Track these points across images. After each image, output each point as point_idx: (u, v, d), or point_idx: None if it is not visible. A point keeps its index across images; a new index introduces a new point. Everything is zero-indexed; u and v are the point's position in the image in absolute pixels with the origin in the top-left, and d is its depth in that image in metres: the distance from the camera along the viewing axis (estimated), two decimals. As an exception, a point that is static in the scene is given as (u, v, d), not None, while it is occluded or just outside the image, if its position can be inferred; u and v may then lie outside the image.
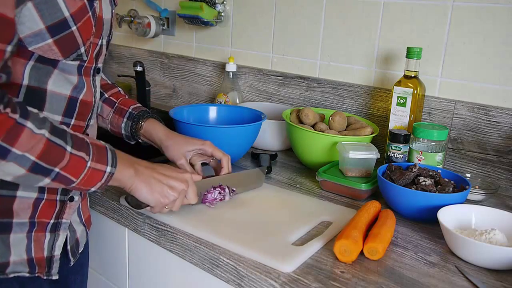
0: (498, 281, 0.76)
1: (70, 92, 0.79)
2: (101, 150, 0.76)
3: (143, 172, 0.82)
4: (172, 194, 0.84)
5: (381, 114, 1.35)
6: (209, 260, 0.82)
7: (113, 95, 1.05)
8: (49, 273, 0.83)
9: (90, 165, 0.73)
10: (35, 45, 0.70)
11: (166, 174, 0.85)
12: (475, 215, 0.92)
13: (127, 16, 1.89)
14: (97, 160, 0.74)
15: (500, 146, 1.16)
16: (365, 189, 1.04)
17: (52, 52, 0.73)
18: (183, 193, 0.87)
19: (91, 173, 0.74)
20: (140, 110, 1.03)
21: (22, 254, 0.79)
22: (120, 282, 1.10)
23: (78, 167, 0.72)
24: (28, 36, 0.69)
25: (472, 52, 1.19)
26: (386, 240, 0.82)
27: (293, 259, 0.77)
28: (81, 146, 0.73)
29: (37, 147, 0.66)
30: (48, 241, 0.82)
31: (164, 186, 0.84)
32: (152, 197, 0.83)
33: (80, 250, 0.93)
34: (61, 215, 0.84)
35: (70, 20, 0.72)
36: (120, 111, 1.03)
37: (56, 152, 0.69)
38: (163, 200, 0.84)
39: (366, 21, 1.35)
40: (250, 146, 1.24)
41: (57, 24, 0.71)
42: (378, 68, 1.35)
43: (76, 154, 0.71)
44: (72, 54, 0.76)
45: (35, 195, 0.79)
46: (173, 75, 1.90)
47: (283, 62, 1.56)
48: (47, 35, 0.70)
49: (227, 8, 1.67)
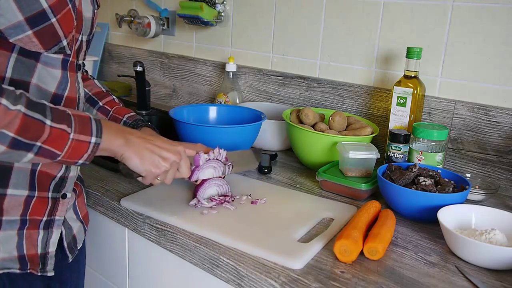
0: (498, 281, 0.76)
1: (55, 89, 0.79)
2: (84, 120, 0.74)
3: (135, 142, 0.81)
4: (164, 165, 0.84)
5: (381, 114, 1.35)
6: (209, 260, 0.82)
7: (108, 103, 1.05)
8: (43, 269, 0.83)
9: (73, 137, 0.72)
10: (15, 36, 0.71)
11: (158, 145, 0.85)
12: (475, 215, 0.92)
13: (127, 16, 1.89)
14: (80, 131, 0.73)
15: (500, 146, 1.16)
16: (365, 189, 1.04)
17: (32, 44, 0.73)
18: (175, 165, 0.86)
19: (75, 145, 0.72)
20: (135, 119, 1.03)
21: (13, 251, 0.79)
22: (120, 282, 1.10)
23: (61, 139, 0.71)
24: (8, 27, 0.70)
25: (472, 52, 1.19)
26: (386, 240, 0.82)
27: (302, 256, 0.78)
28: (62, 119, 0.71)
29: (14, 123, 0.65)
30: (41, 238, 0.82)
31: (156, 157, 0.83)
32: (143, 167, 0.82)
33: (79, 246, 0.94)
34: (54, 212, 0.84)
35: (49, 11, 0.72)
36: (115, 119, 1.03)
37: (34, 126, 0.68)
38: (154, 170, 0.83)
39: (366, 21, 1.35)
40: (250, 146, 1.24)
41: (36, 15, 0.71)
42: (378, 68, 1.35)
43: (56, 127, 0.70)
44: (53, 46, 0.76)
45: (26, 192, 0.79)
46: (173, 75, 1.90)
47: (283, 62, 1.56)
48: (27, 26, 0.71)
49: (227, 8, 1.67)
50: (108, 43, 2.17)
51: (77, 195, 0.92)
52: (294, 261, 0.77)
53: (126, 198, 0.98)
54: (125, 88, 2.02)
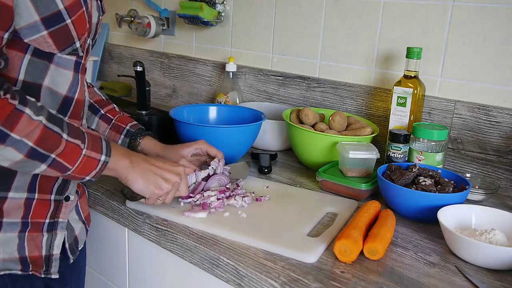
0: (498, 281, 0.76)
1: (66, 91, 0.80)
2: (95, 139, 0.78)
3: (139, 164, 0.85)
4: (166, 186, 0.87)
5: (381, 114, 1.35)
6: (209, 260, 0.82)
7: (109, 111, 1.08)
8: (47, 271, 0.83)
9: (85, 153, 0.75)
10: (30, 37, 0.72)
11: (160, 166, 0.88)
12: (475, 215, 0.92)
13: (127, 16, 1.89)
14: (92, 149, 0.76)
15: (500, 146, 1.16)
16: (365, 189, 1.04)
17: (47, 44, 0.74)
18: (176, 185, 0.89)
19: (86, 161, 0.75)
20: (138, 128, 1.08)
21: (13, 252, 0.79)
22: (120, 282, 1.10)
23: (74, 154, 0.74)
24: (24, 27, 0.70)
25: (472, 52, 1.19)
26: (386, 240, 0.82)
27: (315, 250, 0.81)
28: (77, 134, 0.74)
29: (34, 133, 0.68)
30: (45, 241, 0.83)
31: (159, 178, 0.87)
32: (147, 188, 0.86)
33: (80, 247, 0.94)
34: (57, 214, 0.84)
35: (65, 13, 0.73)
36: (117, 128, 1.07)
37: (52, 138, 0.70)
38: (157, 191, 0.87)
39: (366, 21, 1.35)
40: (250, 146, 1.24)
41: (52, 16, 0.72)
42: (378, 68, 1.35)
43: (72, 142, 0.73)
44: (67, 47, 0.77)
45: (25, 195, 0.79)
46: (173, 75, 1.90)
47: (283, 62, 1.56)
48: (42, 27, 0.72)
49: (227, 8, 1.67)
50: (108, 43, 2.17)
51: (79, 195, 0.92)
52: (308, 255, 0.79)
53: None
54: (125, 88, 2.02)
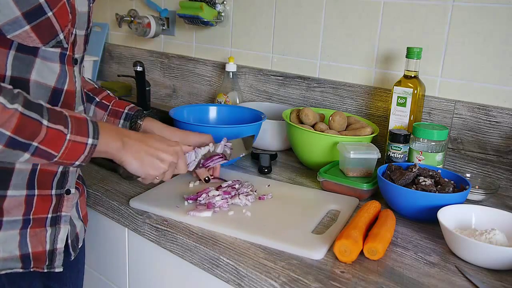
0: (498, 281, 0.76)
1: (54, 83, 0.79)
2: (81, 122, 0.74)
3: (133, 145, 0.83)
4: (162, 167, 0.86)
5: (381, 114, 1.35)
6: (209, 260, 0.82)
7: (104, 98, 1.06)
8: (51, 265, 0.83)
9: (70, 138, 0.72)
10: (12, 32, 0.71)
11: (156, 146, 0.86)
12: (475, 215, 0.92)
13: (127, 16, 1.89)
14: (77, 133, 0.73)
15: (500, 146, 1.15)
16: (367, 189, 1.04)
17: (30, 39, 0.73)
18: (173, 165, 0.89)
19: (71, 146, 0.73)
20: (136, 110, 1.05)
21: (14, 250, 0.79)
22: (120, 282, 1.10)
23: (57, 140, 0.71)
24: (6, 24, 0.70)
25: (472, 52, 1.19)
26: (386, 240, 0.82)
27: (320, 247, 0.81)
28: (59, 119, 0.71)
29: (11, 122, 0.66)
30: (49, 235, 0.83)
31: (154, 159, 0.85)
32: (142, 170, 0.85)
33: (80, 245, 0.94)
34: (60, 208, 0.84)
35: (46, 5, 0.72)
36: (115, 113, 1.04)
37: (31, 126, 0.68)
38: (153, 172, 0.86)
39: (366, 21, 1.35)
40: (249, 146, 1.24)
41: (33, 10, 0.71)
42: (378, 68, 1.35)
43: (53, 127, 0.70)
44: (51, 40, 0.76)
45: (25, 192, 0.79)
46: (173, 75, 1.90)
47: (283, 62, 1.56)
48: (24, 22, 0.71)
49: (227, 8, 1.67)
50: (108, 43, 2.17)
51: (79, 194, 0.92)
52: (314, 252, 0.80)
53: (135, 199, 0.98)
54: (125, 88, 2.02)
